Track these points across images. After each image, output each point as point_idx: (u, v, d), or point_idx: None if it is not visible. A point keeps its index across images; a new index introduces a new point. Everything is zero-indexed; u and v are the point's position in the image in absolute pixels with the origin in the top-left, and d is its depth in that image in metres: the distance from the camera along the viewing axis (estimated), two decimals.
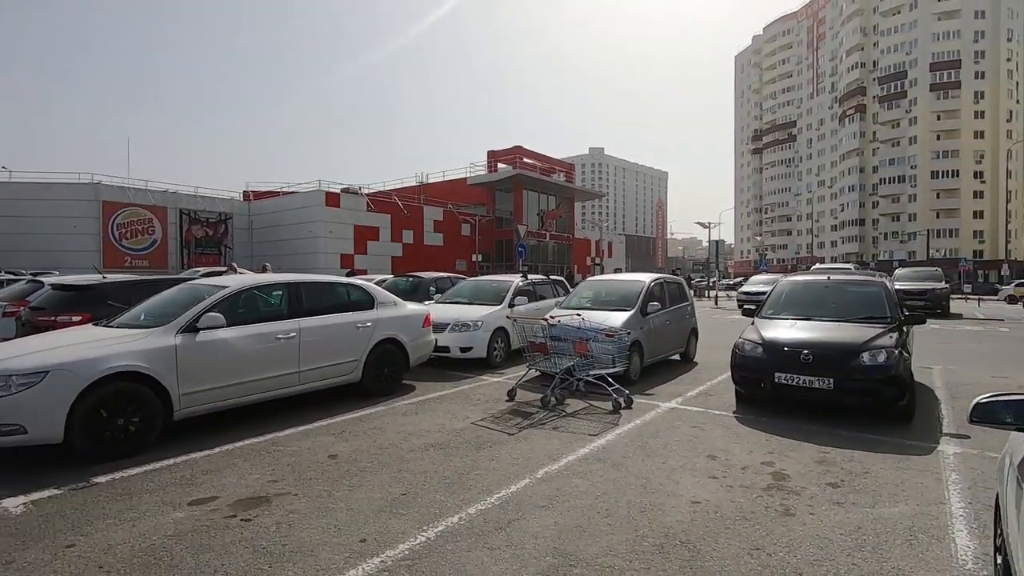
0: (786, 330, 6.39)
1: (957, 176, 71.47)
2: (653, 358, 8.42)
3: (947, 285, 20.16)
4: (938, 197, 72.31)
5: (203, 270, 18.13)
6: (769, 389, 5.96)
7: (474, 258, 41.14)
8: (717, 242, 32.28)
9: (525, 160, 45.66)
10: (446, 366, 8.91)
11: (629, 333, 7.05)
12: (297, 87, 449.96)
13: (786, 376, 5.78)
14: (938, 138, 72.57)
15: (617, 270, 49.38)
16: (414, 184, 46.35)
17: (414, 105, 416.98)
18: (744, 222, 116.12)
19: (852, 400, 5.63)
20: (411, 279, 13.11)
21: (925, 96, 72.76)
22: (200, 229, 35.66)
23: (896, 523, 3.47)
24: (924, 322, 6.77)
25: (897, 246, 74.60)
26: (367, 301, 7.12)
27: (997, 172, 68.75)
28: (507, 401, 6.76)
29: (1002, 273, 44.14)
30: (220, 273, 12.01)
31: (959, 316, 19.67)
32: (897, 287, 11.39)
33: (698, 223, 37.02)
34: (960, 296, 30.79)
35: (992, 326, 16.83)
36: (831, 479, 4.21)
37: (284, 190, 39.83)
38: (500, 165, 45.21)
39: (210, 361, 5.25)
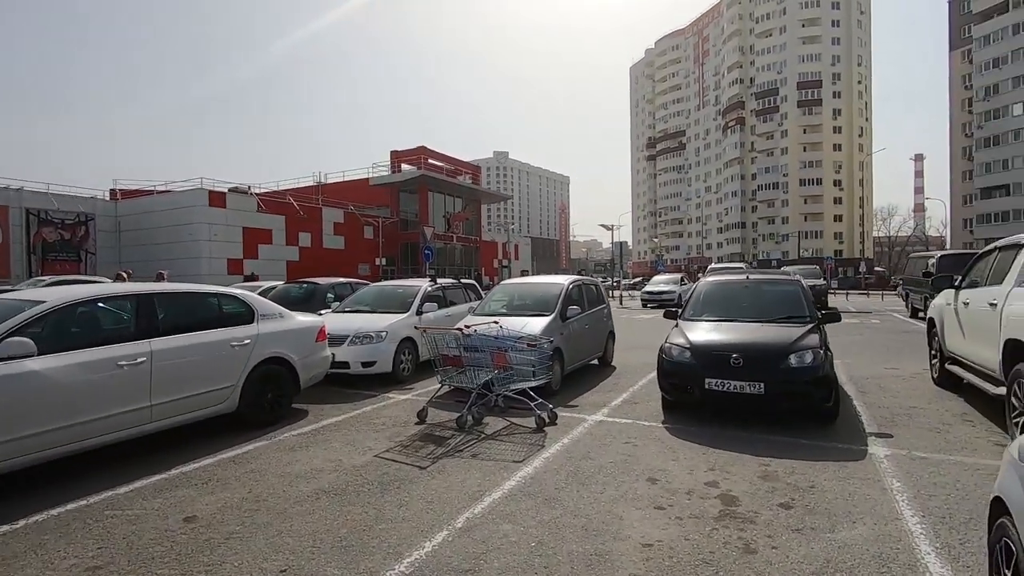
0: (712, 333, 6.12)
1: (820, 184, 79.90)
2: (573, 365, 7.94)
3: (825, 281, 21.95)
4: (806, 202, 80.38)
5: (47, 279, 15.40)
6: (699, 395, 5.63)
7: (378, 262, 39.24)
8: (621, 244, 33.20)
9: (431, 161, 44.52)
10: (346, 383, 7.85)
11: (551, 341, 6.48)
12: (182, 80, 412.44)
13: (717, 382, 5.46)
14: (804, 150, 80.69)
15: (524, 272, 49.59)
16: (311, 184, 43.54)
17: (312, 102, 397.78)
18: (640, 225, 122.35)
19: (783, 403, 5.42)
20: (305, 286, 11.74)
21: (794, 111, 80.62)
22: (53, 232, 30.87)
23: (862, 550, 3.11)
24: (839, 319, 6.82)
25: (773, 247, 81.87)
26: (245, 314, 5.95)
27: (852, 181, 77.63)
28: (417, 424, 5.92)
29: (860, 270, 49.77)
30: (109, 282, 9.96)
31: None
32: None
33: (602, 225, 38.03)
34: (831, 291, 34.03)
35: (865, 319, 18.40)
36: (781, 499, 3.83)
37: (159, 188, 35.65)
38: (404, 166, 43.73)
39: (12, 402, 3.93)
